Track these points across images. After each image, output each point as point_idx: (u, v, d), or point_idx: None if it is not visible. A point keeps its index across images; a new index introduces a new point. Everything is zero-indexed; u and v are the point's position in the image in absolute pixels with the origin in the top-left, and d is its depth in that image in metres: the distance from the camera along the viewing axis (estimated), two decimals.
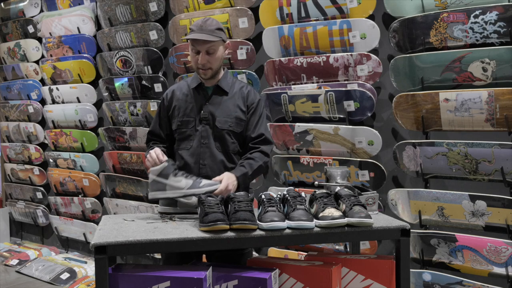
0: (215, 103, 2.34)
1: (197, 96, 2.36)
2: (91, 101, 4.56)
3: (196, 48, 2.25)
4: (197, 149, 2.31)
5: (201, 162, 2.30)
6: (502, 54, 2.65)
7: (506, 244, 2.64)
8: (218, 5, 3.72)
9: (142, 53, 4.10)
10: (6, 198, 5.43)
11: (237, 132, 2.34)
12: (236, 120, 2.33)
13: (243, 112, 2.35)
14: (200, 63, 2.26)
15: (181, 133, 2.35)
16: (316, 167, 3.29)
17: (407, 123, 3.00)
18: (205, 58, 2.25)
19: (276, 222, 1.78)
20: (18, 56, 5.12)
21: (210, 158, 2.30)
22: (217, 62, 2.30)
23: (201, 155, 2.31)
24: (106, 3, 4.30)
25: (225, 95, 2.35)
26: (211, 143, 2.31)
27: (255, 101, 2.38)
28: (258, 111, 2.38)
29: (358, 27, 3.10)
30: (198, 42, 2.23)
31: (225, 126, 2.31)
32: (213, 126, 2.31)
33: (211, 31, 2.23)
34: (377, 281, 1.90)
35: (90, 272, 4.23)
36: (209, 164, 2.30)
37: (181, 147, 2.35)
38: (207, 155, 2.30)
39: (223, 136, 2.32)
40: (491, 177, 2.74)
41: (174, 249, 1.85)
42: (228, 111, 2.33)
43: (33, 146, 5.04)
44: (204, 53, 2.25)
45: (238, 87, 2.39)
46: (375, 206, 2.13)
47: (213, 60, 2.27)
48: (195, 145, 2.32)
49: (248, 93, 2.38)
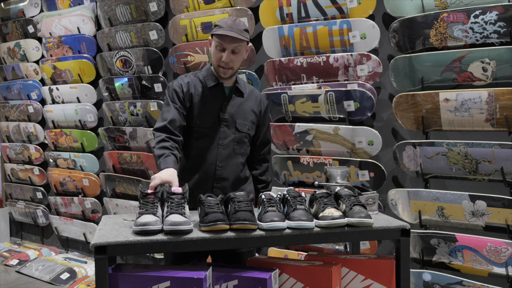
0: (234, 104, 2.31)
1: (215, 95, 2.30)
2: (91, 101, 4.56)
3: (222, 45, 2.19)
4: (214, 150, 2.28)
5: (217, 164, 2.28)
6: (502, 54, 2.65)
7: (506, 244, 2.64)
8: (218, 5, 3.72)
9: (142, 53, 4.10)
10: (6, 198, 5.43)
11: (251, 136, 2.37)
12: (251, 124, 2.35)
13: (256, 116, 2.37)
14: (224, 61, 2.20)
15: (199, 132, 2.28)
16: (316, 167, 3.28)
17: (407, 123, 3.00)
18: (230, 57, 2.20)
19: (276, 222, 1.78)
20: (18, 56, 5.12)
21: (227, 160, 2.28)
22: (239, 63, 2.27)
23: (218, 156, 2.28)
24: (106, 3, 4.30)
25: (242, 96, 2.35)
26: (229, 145, 2.29)
27: (265, 106, 2.43)
28: (268, 116, 2.45)
29: (358, 27, 3.10)
30: (226, 40, 2.18)
31: (245, 129, 2.32)
32: (233, 128, 2.29)
33: (240, 31, 2.19)
34: (377, 281, 1.90)
35: (90, 272, 4.23)
36: (225, 166, 2.29)
37: (196, 146, 2.29)
38: (224, 157, 2.28)
39: (241, 139, 2.32)
40: (491, 177, 2.74)
41: (174, 249, 1.85)
42: (246, 115, 2.33)
43: (33, 146, 5.05)
44: (230, 52, 2.20)
45: (249, 89, 2.40)
46: (375, 206, 2.13)
47: (237, 61, 2.24)
48: (212, 145, 2.28)
49: (261, 98, 2.42)
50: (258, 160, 2.47)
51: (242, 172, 2.35)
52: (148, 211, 1.79)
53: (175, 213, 1.78)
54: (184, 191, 1.91)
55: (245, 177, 2.39)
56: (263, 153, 2.47)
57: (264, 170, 2.49)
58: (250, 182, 2.43)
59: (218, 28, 2.20)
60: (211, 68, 2.34)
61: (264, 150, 2.47)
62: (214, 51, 2.24)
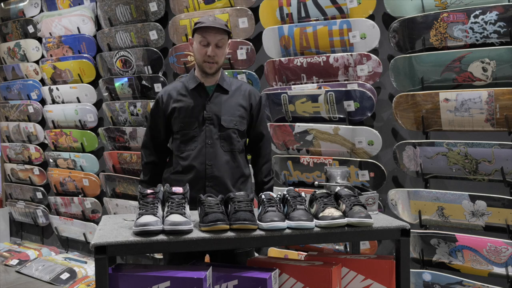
0: (217, 102, 2.34)
1: (197, 96, 2.35)
2: (91, 101, 4.56)
3: (206, 39, 2.24)
4: (202, 149, 2.30)
5: (207, 163, 2.30)
6: (502, 54, 2.65)
7: (506, 244, 2.64)
8: (218, 5, 3.72)
9: (142, 53, 4.10)
10: (6, 198, 5.43)
11: (241, 131, 2.37)
12: (240, 118, 2.35)
13: (245, 111, 2.38)
14: (210, 54, 2.25)
15: (184, 135, 2.33)
16: (316, 167, 3.28)
17: (407, 123, 3.00)
18: (215, 50, 2.25)
19: (276, 222, 1.78)
20: (18, 56, 5.12)
21: (216, 158, 2.30)
22: (223, 58, 2.32)
23: (206, 155, 2.30)
24: (106, 3, 4.30)
25: (226, 94, 2.36)
26: (216, 143, 2.31)
27: (257, 99, 2.43)
28: (262, 109, 2.46)
29: (358, 27, 3.10)
30: (209, 34, 2.23)
31: (231, 125, 2.33)
32: (218, 126, 2.32)
33: (221, 24, 2.26)
34: (377, 281, 1.90)
35: (90, 272, 4.23)
36: (215, 164, 2.30)
37: (185, 149, 2.33)
38: (212, 155, 2.30)
39: (229, 135, 2.33)
40: (491, 177, 2.74)
41: (174, 249, 1.85)
42: (232, 110, 2.34)
43: (33, 146, 5.05)
44: (214, 46, 2.25)
45: (236, 85, 2.42)
46: (375, 206, 2.13)
47: (221, 54, 2.28)
48: (199, 145, 2.31)
49: (250, 92, 2.42)
50: (255, 155, 2.49)
51: (237, 169, 2.36)
52: (148, 211, 1.79)
53: (175, 213, 1.78)
54: (185, 191, 1.91)
55: (242, 174, 2.39)
56: (258, 147, 2.47)
57: (259, 169, 2.48)
58: (248, 179, 2.44)
59: (200, 24, 2.27)
60: (193, 72, 2.40)
61: (259, 145, 2.47)
62: (198, 48, 2.29)
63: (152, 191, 1.90)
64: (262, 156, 2.48)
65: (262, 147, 2.48)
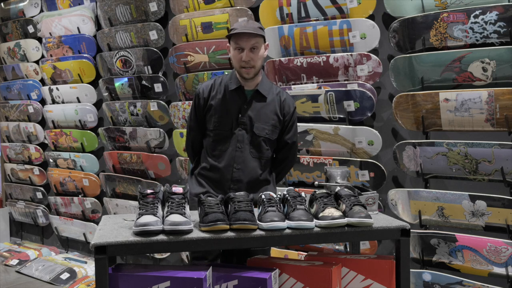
0: (254, 108, 2.34)
1: (235, 98, 2.35)
2: (91, 101, 4.56)
3: (240, 45, 2.25)
4: (232, 152, 2.32)
5: (234, 166, 2.31)
6: (502, 54, 2.65)
7: (506, 244, 2.64)
8: (218, 5, 3.72)
9: (142, 53, 4.10)
10: (6, 198, 5.43)
11: (272, 140, 2.38)
12: (272, 127, 2.36)
13: (279, 120, 2.38)
14: (244, 59, 2.25)
15: (217, 134, 2.35)
16: (316, 167, 3.29)
17: (407, 123, 3.00)
18: (249, 55, 2.25)
19: (276, 222, 1.78)
20: (18, 56, 5.12)
21: (243, 162, 2.32)
22: (260, 61, 2.30)
23: (235, 159, 2.32)
24: (106, 3, 4.30)
25: (264, 100, 2.36)
26: (246, 148, 2.33)
27: (292, 110, 2.42)
28: (294, 118, 2.44)
29: (358, 27, 3.10)
30: (242, 39, 2.23)
31: (263, 133, 2.34)
32: (250, 132, 2.33)
33: (254, 28, 2.25)
34: (377, 281, 1.90)
35: (90, 272, 4.23)
36: (242, 169, 2.32)
37: (216, 148, 2.35)
38: (241, 159, 2.32)
39: (259, 143, 2.34)
40: (491, 177, 2.74)
41: (174, 249, 1.85)
42: (266, 118, 2.34)
43: (33, 146, 5.04)
44: (248, 51, 2.25)
45: (275, 92, 2.41)
46: (375, 206, 2.13)
47: (256, 58, 2.28)
48: (230, 148, 2.32)
49: (285, 101, 2.40)
50: (279, 160, 2.48)
51: (261, 175, 2.37)
52: (148, 211, 1.79)
53: (175, 213, 1.78)
54: (185, 191, 1.91)
55: (265, 179, 2.40)
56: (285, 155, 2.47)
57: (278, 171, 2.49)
58: (270, 184, 2.44)
59: (233, 30, 2.27)
60: (235, 72, 2.38)
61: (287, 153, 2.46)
62: (234, 54, 2.29)
63: (152, 191, 1.90)
64: (286, 163, 2.49)
65: (289, 155, 2.48)
